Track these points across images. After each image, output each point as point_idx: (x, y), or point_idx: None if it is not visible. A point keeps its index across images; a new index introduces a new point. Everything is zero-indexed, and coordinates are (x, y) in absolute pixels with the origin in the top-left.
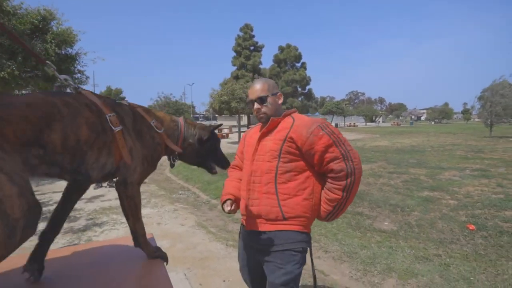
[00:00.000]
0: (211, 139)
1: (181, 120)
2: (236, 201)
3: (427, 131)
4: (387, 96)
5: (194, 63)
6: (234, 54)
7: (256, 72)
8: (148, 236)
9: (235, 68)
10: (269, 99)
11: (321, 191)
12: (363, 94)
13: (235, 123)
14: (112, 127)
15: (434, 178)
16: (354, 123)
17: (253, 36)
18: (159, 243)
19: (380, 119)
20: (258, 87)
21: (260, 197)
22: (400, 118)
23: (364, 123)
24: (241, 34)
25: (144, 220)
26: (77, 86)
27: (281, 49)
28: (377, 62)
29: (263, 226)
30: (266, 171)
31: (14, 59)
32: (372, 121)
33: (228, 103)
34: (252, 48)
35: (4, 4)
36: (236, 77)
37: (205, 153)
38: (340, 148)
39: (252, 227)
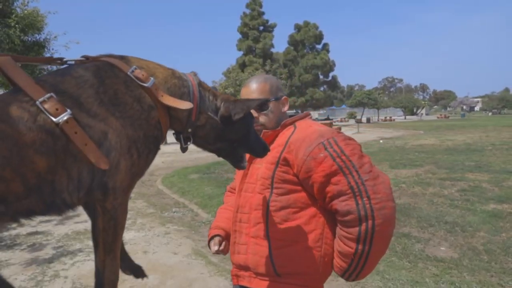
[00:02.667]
0: (245, 118)
1: (191, 77)
2: (227, 238)
3: (484, 124)
4: (431, 82)
5: (192, 49)
6: (239, 36)
7: (268, 57)
8: None
9: (241, 53)
10: (271, 105)
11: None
12: (401, 80)
13: None
14: (52, 118)
15: (501, 185)
16: (391, 117)
17: (263, 13)
18: (143, 279)
19: (423, 111)
20: (255, 87)
21: (247, 242)
22: (448, 109)
23: (403, 117)
24: (247, 11)
25: (126, 247)
26: None
27: (298, 27)
28: (417, 41)
29: (253, 282)
30: (255, 206)
31: None
32: (413, 113)
33: (234, 96)
34: (261, 28)
35: None
36: (242, 64)
37: (233, 137)
38: (349, 177)
39: (241, 282)
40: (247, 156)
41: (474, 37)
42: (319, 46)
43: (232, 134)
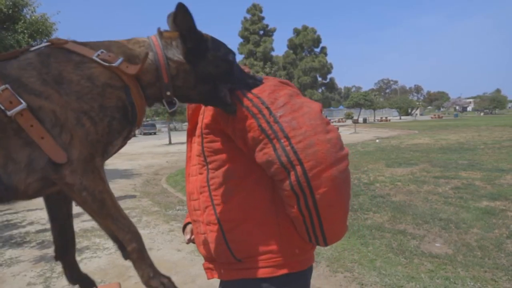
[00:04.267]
0: (203, 45)
1: (153, 38)
2: None
3: (476, 124)
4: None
5: None
6: (241, 40)
7: (268, 60)
8: None
9: (242, 56)
10: None
11: None
12: (396, 82)
13: None
14: (6, 111)
15: (493, 183)
16: (386, 117)
17: (263, 18)
18: None
19: (418, 112)
20: None
21: (205, 231)
22: (442, 109)
23: (398, 117)
24: (248, 16)
25: (102, 261)
26: None
27: (297, 32)
28: (411, 44)
29: (220, 274)
30: (200, 190)
31: None
32: (407, 114)
33: None
34: (261, 32)
35: None
36: None
37: (210, 73)
38: (258, 117)
39: (214, 275)
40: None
41: (466, 40)
42: (317, 50)
43: (207, 69)
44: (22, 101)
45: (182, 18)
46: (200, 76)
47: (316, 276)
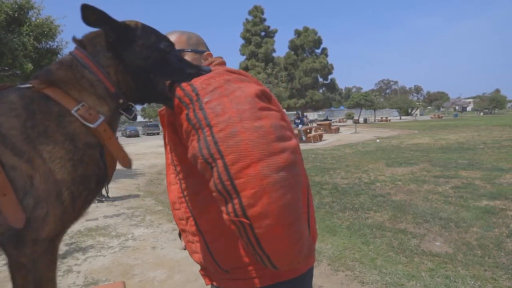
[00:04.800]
0: (128, 35)
1: (77, 53)
2: None
3: (476, 124)
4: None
5: None
6: (243, 41)
7: (269, 61)
8: None
9: (244, 57)
10: (186, 57)
11: None
12: (396, 82)
13: None
14: None
15: (493, 182)
16: (387, 117)
17: (264, 19)
18: (151, 274)
19: (418, 112)
20: (171, 39)
21: (193, 240)
22: (442, 109)
23: (399, 117)
24: (250, 18)
25: (135, 243)
26: None
27: (298, 33)
28: (411, 45)
29: (220, 282)
30: (178, 200)
31: None
32: (407, 114)
33: None
34: (263, 33)
35: None
36: (245, 68)
37: (141, 67)
38: (189, 107)
39: (209, 281)
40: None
41: (465, 41)
42: (318, 51)
43: (136, 62)
44: None
45: (92, 16)
46: (131, 71)
47: (318, 274)
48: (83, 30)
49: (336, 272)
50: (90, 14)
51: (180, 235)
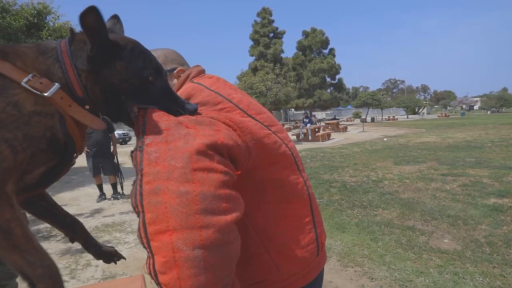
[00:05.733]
0: (113, 53)
1: (62, 44)
2: None
3: (483, 122)
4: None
5: (208, 56)
6: (251, 43)
7: (278, 61)
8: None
9: (253, 58)
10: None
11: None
12: (403, 82)
13: None
14: None
15: (501, 180)
16: (394, 116)
17: (273, 21)
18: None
19: (425, 111)
20: None
21: None
22: (449, 108)
23: (405, 116)
24: (258, 19)
25: (123, 254)
26: None
27: (306, 34)
28: (417, 45)
29: None
30: None
31: None
32: (414, 113)
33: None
34: (271, 35)
35: None
36: (254, 69)
37: (114, 87)
38: (137, 142)
39: None
40: None
41: (472, 39)
42: (325, 51)
43: (111, 79)
44: None
45: (90, 21)
46: (104, 86)
47: (327, 270)
48: None
49: (345, 268)
50: (88, 18)
51: None
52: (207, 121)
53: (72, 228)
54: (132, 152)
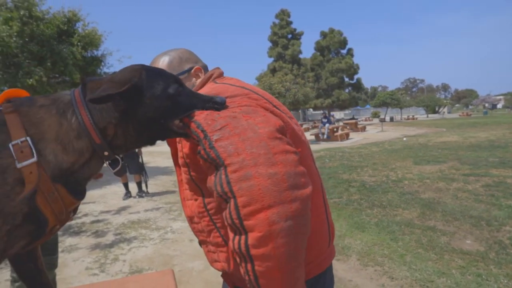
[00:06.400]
0: (137, 94)
1: (76, 95)
2: None
3: (507, 121)
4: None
5: (228, 58)
6: (270, 44)
7: (296, 62)
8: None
9: (272, 59)
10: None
11: None
12: (422, 81)
13: None
14: None
15: None
16: (413, 116)
17: (291, 22)
18: (190, 265)
19: (445, 110)
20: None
21: (215, 251)
22: (470, 107)
23: (425, 115)
24: (276, 21)
25: (174, 235)
26: None
27: (324, 34)
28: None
29: (238, 284)
30: (199, 214)
31: (42, 65)
32: (434, 112)
33: None
34: (290, 36)
35: (33, 9)
36: (273, 70)
37: (153, 118)
38: (202, 142)
39: (231, 286)
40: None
41: (494, 36)
42: (343, 51)
43: (148, 115)
44: None
45: (99, 98)
46: (142, 124)
47: (347, 269)
48: (123, 41)
49: (365, 267)
50: (98, 98)
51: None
52: (250, 109)
53: None
54: (199, 152)
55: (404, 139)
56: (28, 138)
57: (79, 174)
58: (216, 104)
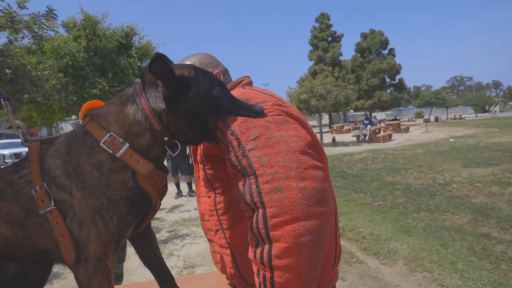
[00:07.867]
0: (184, 86)
1: (137, 87)
2: None
3: None
4: (505, 78)
5: (270, 63)
6: (310, 47)
7: (336, 64)
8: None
9: (312, 63)
10: None
11: None
12: (470, 78)
13: (315, 123)
14: (39, 208)
15: None
16: (460, 115)
17: (331, 25)
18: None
19: (497, 108)
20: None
21: (220, 252)
22: None
23: (474, 114)
24: (316, 25)
25: (201, 240)
26: (28, 137)
27: (364, 36)
28: (486, 37)
29: None
30: (210, 212)
31: (104, 76)
32: (484, 111)
33: (307, 102)
34: (330, 39)
35: (97, 28)
36: (314, 73)
37: (195, 113)
38: (231, 148)
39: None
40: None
41: None
42: (385, 52)
43: (192, 109)
44: (52, 201)
45: (157, 68)
46: (187, 116)
47: (394, 273)
48: (175, 52)
49: (413, 273)
50: (156, 65)
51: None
52: (282, 120)
53: (163, 282)
54: (229, 159)
55: (451, 140)
56: (112, 133)
57: (151, 153)
58: (253, 113)
